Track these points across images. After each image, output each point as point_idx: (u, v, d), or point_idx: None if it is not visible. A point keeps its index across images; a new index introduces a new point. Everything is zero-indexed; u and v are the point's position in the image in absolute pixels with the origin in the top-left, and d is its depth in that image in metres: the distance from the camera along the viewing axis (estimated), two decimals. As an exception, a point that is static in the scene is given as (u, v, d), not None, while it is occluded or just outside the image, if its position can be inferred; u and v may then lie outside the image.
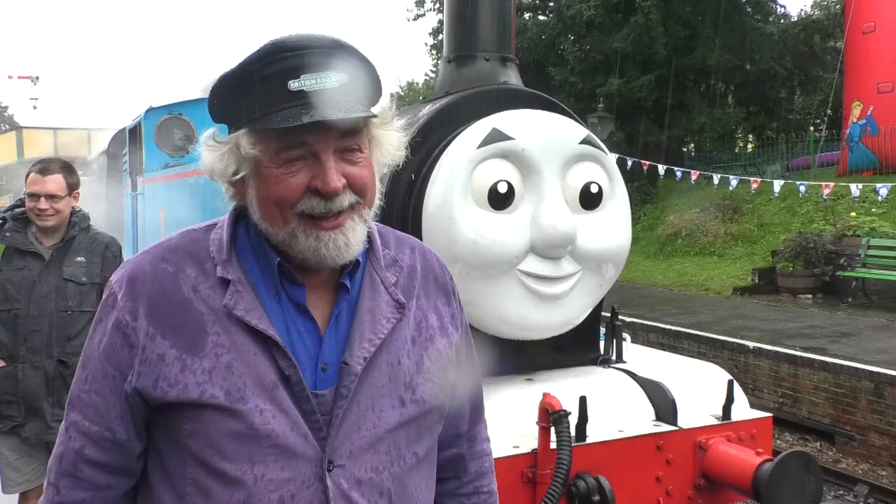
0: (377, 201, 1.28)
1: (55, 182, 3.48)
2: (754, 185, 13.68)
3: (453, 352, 1.37)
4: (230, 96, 1.22)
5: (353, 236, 1.21)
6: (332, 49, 1.19)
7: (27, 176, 3.54)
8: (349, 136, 1.20)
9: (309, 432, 1.18)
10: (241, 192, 1.26)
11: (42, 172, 3.48)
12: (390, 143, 1.30)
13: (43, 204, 3.45)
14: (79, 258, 3.56)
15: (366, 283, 1.29)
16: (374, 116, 1.23)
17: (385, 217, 3.22)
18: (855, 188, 11.88)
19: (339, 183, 1.18)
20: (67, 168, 3.60)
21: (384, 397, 1.24)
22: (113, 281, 1.26)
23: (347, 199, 1.20)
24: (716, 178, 14.14)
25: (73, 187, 3.56)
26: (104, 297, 1.26)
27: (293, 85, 1.16)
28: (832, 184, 12.72)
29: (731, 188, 14.46)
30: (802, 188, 12.68)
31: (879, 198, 11.78)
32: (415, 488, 1.28)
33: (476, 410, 1.52)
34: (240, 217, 1.30)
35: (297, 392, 1.18)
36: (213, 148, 1.24)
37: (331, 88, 1.17)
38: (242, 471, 1.15)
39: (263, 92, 1.17)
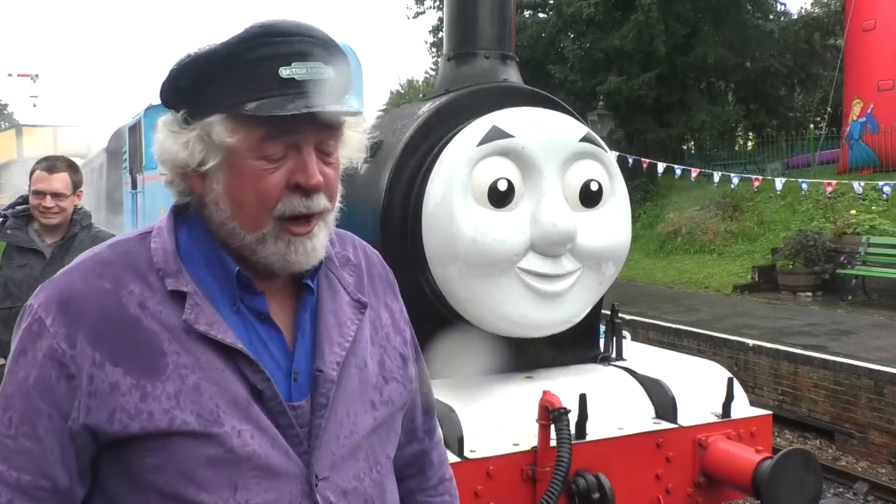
0: (338, 204, 1.21)
1: (61, 180, 3.49)
2: (756, 184, 13.68)
3: (409, 349, 1.34)
4: (205, 77, 1.10)
5: (318, 242, 1.15)
6: (322, 40, 1.13)
7: (32, 173, 3.55)
8: (330, 134, 1.14)
9: (290, 448, 1.10)
10: (198, 186, 1.14)
11: (48, 171, 3.49)
12: (355, 144, 1.22)
13: (48, 202, 3.46)
14: None
15: (323, 284, 1.23)
16: (360, 113, 1.17)
17: (384, 215, 3.22)
18: (857, 186, 11.87)
19: (321, 178, 1.12)
20: (72, 166, 3.61)
21: (357, 402, 1.19)
22: (34, 305, 1.09)
23: (323, 201, 1.14)
24: (716, 176, 14.13)
25: (77, 185, 3.57)
26: (25, 324, 1.08)
27: (284, 72, 1.07)
28: (834, 182, 12.72)
29: (732, 186, 14.46)
30: (804, 186, 12.68)
31: (884, 196, 11.77)
32: (390, 491, 1.26)
33: (429, 402, 1.47)
34: (179, 220, 1.19)
35: (273, 407, 1.10)
36: (177, 134, 1.12)
37: (322, 80, 1.10)
38: (224, 499, 1.06)
39: (248, 75, 1.08)
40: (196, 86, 1.11)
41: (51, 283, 1.11)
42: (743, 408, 3.29)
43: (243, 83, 1.08)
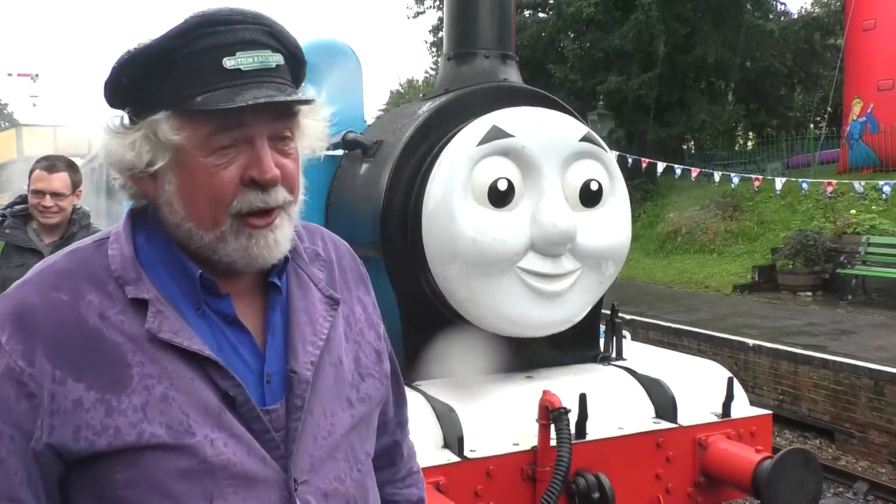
0: (301, 196, 1.16)
1: (61, 180, 3.49)
2: (756, 183, 13.68)
3: (383, 343, 1.31)
4: (144, 74, 1.04)
5: (282, 234, 1.10)
6: (266, 25, 1.07)
7: (31, 172, 3.55)
8: (284, 122, 1.09)
9: (266, 454, 1.06)
10: (150, 188, 1.09)
11: (48, 170, 3.49)
12: (314, 132, 1.16)
13: (48, 201, 3.46)
14: None
15: (293, 282, 1.18)
16: (312, 101, 1.11)
17: (385, 215, 3.22)
18: (858, 185, 11.87)
19: (276, 171, 1.07)
20: (72, 166, 3.61)
21: (334, 401, 1.15)
22: None
23: (282, 194, 1.09)
24: (717, 176, 14.13)
25: (76, 185, 3.57)
26: None
27: (228, 63, 1.02)
28: (835, 182, 12.72)
29: (733, 185, 14.46)
30: (805, 185, 12.68)
31: (884, 195, 11.77)
32: (372, 489, 1.23)
33: (400, 393, 1.44)
34: (136, 224, 1.14)
35: (246, 412, 1.06)
36: (121, 135, 1.06)
37: (269, 68, 1.05)
38: None
39: (192, 69, 1.02)
40: (138, 83, 1.06)
41: (4, 298, 1.06)
42: (743, 407, 3.29)
43: (187, 77, 1.03)
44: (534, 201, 3.00)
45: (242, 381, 1.06)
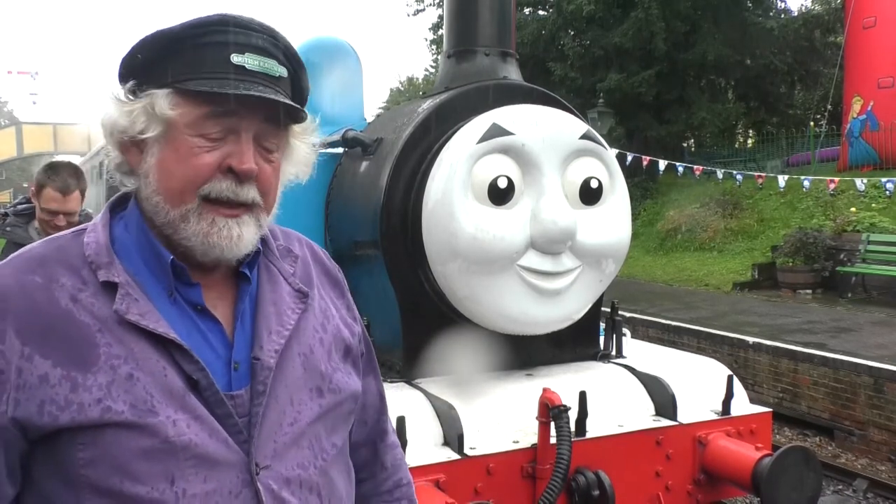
0: (275, 210, 1.22)
1: (75, 200, 3.44)
2: (759, 181, 13.68)
3: (356, 341, 1.34)
4: (159, 53, 1.12)
5: (247, 232, 1.14)
6: (280, 43, 1.16)
7: (42, 187, 3.42)
8: (271, 128, 1.15)
9: (229, 437, 1.09)
10: (134, 159, 1.15)
11: (63, 192, 3.39)
12: (301, 156, 1.24)
13: (61, 221, 3.39)
14: None
15: (263, 275, 1.23)
16: (305, 115, 1.19)
17: (385, 213, 3.22)
18: (860, 183, 11.86)
19: (254, 166, 1.12)
20: (77, 174, 3.55)
21: (301, 390, 1.18)
22: None
23: (253, 193, 1.14)
24: (719, 174, 14.12)
25: (83, 192, 3.54)
26: None
27: (236, 58, 1.10)
28: (837, 179, 12.72)
29: (737, 183, 14.47)
30: (807, 183, 12.67)
31: (887, 192, 11.76)
32: (338, 480, 1.24)
33: (381, 403, 1.46)
34: (114, 215, 1.19)
35: (209, 396, 1.09)
36: (123, 104, 1.13)
37: (271, 75, 1.13)
38: (160, 490, 1.03)
39: (201, 56, 1.11)
40: (150, 61, 1.13)
41: None
42: (743, 405, 3.29)
43: (194, 63, 1.11)
44: (534, 199, 3.00)
45: (210, 367, 1.10)
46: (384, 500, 1.43)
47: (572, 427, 2.69)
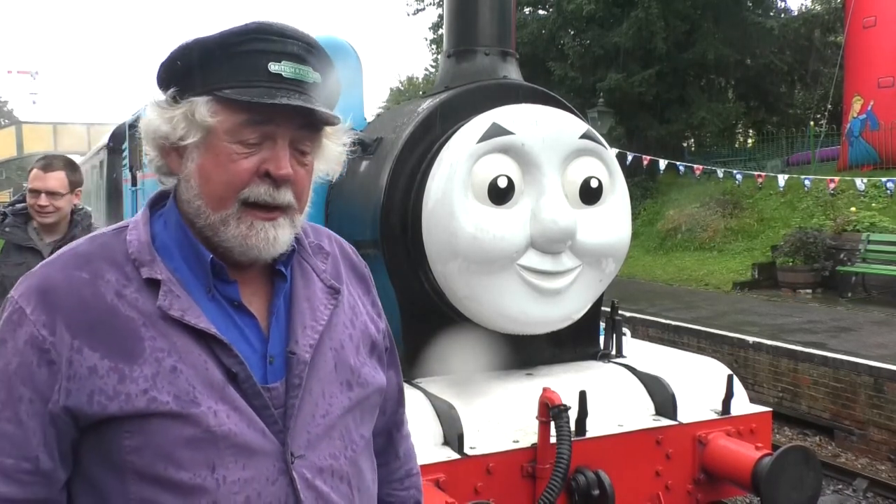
0: (307, 209, 1.26)
1: (57, 179, 3.45)
2: (759, 180, 13.68)
3: (381, 336, 1.39)
4: (199, 61, 1.16)
5: (281, 233, 1.19)
6: (313, 48, 1.20)
7: (30, 171, 3.52)
8: (307, 134, 1.20)
9: (266, 428, 1.15)
10: (175, 163, 1.20)
11: (44, 169, 3.45)
12: (333, 155, 1.28)
13: (43, 200, 3.42)
14: None
15: (296, 272, 1.28)
16: (338, 120, 1.23)
17: (385, 212, 3.22)
18: (860, 182, 11.86)
19: (290, 170, 1.17)
20: (70, 165, 3.56)
21: (332, 383, 1.23)
22: (15, 296, 1.14)
23: (289, 196, 1.19)
24: (719, 173, 14.11)
25: (74, 185, 3.52)
26: (6, 314, 1.13)
27: (273, 67, 1.14)
28: (837, 178, 12.71)
29: (737, 183, 14.47)
30: (807, 182, 12.67)
31: (888, 192, 11.76)
32: (366, 470, 1.29)
33: (400, 394, 1.51)
34: (153, 213, 1.25)
35: (248, 388, 1.14)
36: (164, 109, 1.18)
37: (307, 82, 1.17)
38: (202, 477, 1.09)
39: (239, 64, 1.14)
40: (190, 68, 1.17)
41: (30, 275, 1.16)
42: (743, 405, 3.29)
43: (234, 71, 1.14)
44: (534, 198, 3.00)
45: (247, 360, 1.15)
46: (395, 487, 1.49)
47: (572, 426, 2.69)
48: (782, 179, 13.00)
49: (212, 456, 1.10)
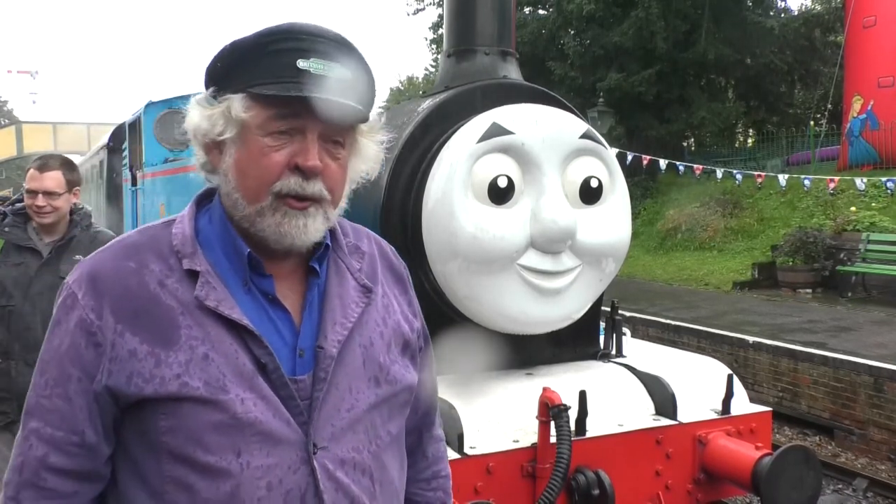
0: (342, 204, 1.31)
1: (53, 179, 3.43)
2: (759, 180, 13.68)
3: (415, 336, 1.42)
4: (237, 61, 1.24)
5: (312, 223, 1.24)
6: (343, 45, 1.25)
7: (27, 172, 3.51)
8: (336, 128, 1.24)
9: (291, 418, 1.19)
10: (216, 159, 1.27)
11: (40, 169, 3.43)
12: (369, 153, 1.33)
13: (40, 201, 3.41)
14: (76, 257, 3.46)
15: (332, 269, 1.32)
16: (365, 115, 1.27)
17: (385, 212, 3.22)
18: (860, 182, 11.86)
19: (318, 163, 1.22)
20: (67, 165, 3.55)
21: (360, 379, 1.27)
22: (70, 281, 1.23)
23: (319, 187, 1.23)
24: (719, 173, 14.11)
25: (72, 184, 3.51)
26: (61, 298, 1.23)
27: (301, 63, 1.19)
28: (837, 178, 12.71)
29: (737, 182, 14.47)
30: (807, 182, 12.67)
31: (888, 191, 11.76)
32: (390, 465, 1.32)
33: (433, 396, 1.55)
34: (200, 208, 1.32)
35: (276, 379, 1.19)
36: (205, 109, 1.25)
37: (335, 78, 1.21)
38: (228, 461, 1.15)
39: (271, 63, 1.20)
40: (228, 68, 1.25)
41: (84, 263, 1.25)
42: (743, 404, 3.29)
43: (265, 69, 1.20)
44: (534, 198, 3.00)
45: (278, 352, 1.21)
46: (421, 487, 1.52)
47: (572, 426, 2.69)
48: (782, 179, 13.00)
49: (238, 441, 1.15)
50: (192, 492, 1.15)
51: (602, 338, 3.66)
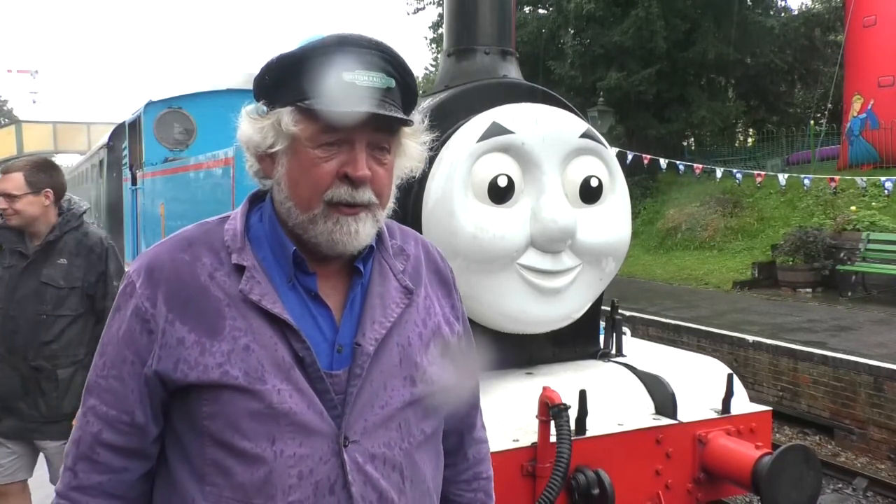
0: (390, 205, 1.36)
1: (12, 181, 3.36)
2: (759, 179, 13.68)
3: (455, 339, 1.44)
4: (284, 75, 1.28)
5: (363, 228, 1.28)
6: (387, 55, 1.29)
7: None
8: (383, 136, 1.29)
9: (324, 410, 1.24)
10: (268, 168, 1.32)
11: (4, 171, 3.41)
12: (413, 154, 1.38)
13: (2, 203, 3.37)
14: (60, 260, 3.45)
15: (375, 270, 1.36)
16: (410, 122, 1.32)
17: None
18: (860, 181, 11.85)
19: (367, 172, 1.26)
20: (35, 166, 3.45)
21: (395, 377, 1.30)
22: (131, 271, 1.31)
23: (369, 195, 1.27)
24: (719, 172, 14.11)
25: (37, 186, 3.40)
26: (122, 286, 1.31)
27: (347, 76, 1.23)
28: (837, 178, 12.71)
29: (737, 182, 14.47)
30: (807, 181, 12.67)
31: (886, 191, 11.76)
32: (423, 463, 1.35)
33: (474, 398, 1.58)
34: (252, 207, 1.37)
35: (312, 373, 1.24)
36: (255, 120, 1.30)
37: (379, 88, 1.25)
38: (262, 448, 1.20)
39: (317, 77, 1.24)
40: (276, 81, 1.29)
41: (145, 254, 1.32)
42: (742, 404, 3.29)
43: (311, 82, 1.24)
44: (534, 198, 2.99)
45: (316, 347, 1.26)
46: (461, 488, 1.56)
47: (572, 426, 2.68)
48: (782, 178, 13.00)
49: (272, 430, 1.21)
50: (230, 475, 1.21)
51: (602, 337, 3.66)
